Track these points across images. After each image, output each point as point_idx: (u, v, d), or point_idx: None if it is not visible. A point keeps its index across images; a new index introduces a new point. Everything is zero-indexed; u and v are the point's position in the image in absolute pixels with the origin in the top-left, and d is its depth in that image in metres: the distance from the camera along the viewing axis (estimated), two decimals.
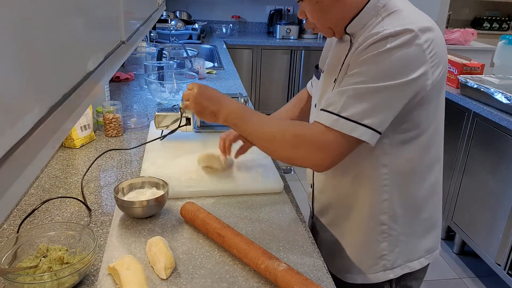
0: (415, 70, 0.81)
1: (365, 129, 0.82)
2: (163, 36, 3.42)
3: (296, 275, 0.79)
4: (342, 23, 0.91)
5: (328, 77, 0.99)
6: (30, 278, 0.76)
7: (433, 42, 0.83)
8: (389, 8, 0.87)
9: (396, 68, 0.81)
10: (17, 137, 0.34)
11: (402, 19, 0.84)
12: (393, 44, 0.80)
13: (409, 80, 0.81)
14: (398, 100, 0.83)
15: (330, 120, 0.84)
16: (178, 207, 1.09)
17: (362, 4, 0.88)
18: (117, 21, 0.76)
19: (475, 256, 2.40)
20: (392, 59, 0.80)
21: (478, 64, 2.39)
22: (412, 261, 1.02)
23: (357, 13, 0.89)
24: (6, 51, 0.31)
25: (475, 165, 2.23)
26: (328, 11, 0.90)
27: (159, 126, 1.44)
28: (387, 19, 0.86)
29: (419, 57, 0.81)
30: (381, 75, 0.81)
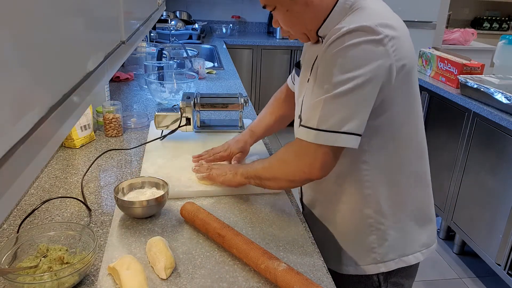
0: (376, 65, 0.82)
1: (346, 136, 0.84)
2: (163, 36, 3.42)
3: (296, 275, 0.79)
4: (314, 27, 0.93)
5: (304, 77, 1.03)
6: (30, 278, 0.76)
7: (394, 38, 0.83)
8: (355, 6, 0.89)
9: (356, 66, 0.82)
10: (17, 137, 0.34)
11: (362, 16, 0.85)
12: (350, 42, 0.81)
13: (372, 76, 0.82)
14: (367, 98, 0.85)
15: (311, 136, 0.87)
16: (178, 207, 1.09)
17: (331, 7, 0.90)
18: (117, 21, 0.76)
19: (475, 256, 2.40)
20: (352, 56, 0.82)
21: (478, 64, 2.39)
22: (407, 255, 1.03)
23: (327, 15, 0.91)
24: (6, 51, 0.31)
25: (475, 165, 2.23)
26: (299, 18, 0.92)
27: (159, 126, 1.44)
28: (348, 17, 0.88)
29: (378, 51, 0.82)
30: (345, 78, 0.82)
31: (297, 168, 0.92)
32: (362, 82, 0.82)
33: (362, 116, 0.85)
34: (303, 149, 0.89)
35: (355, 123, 0.84)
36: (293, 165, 0.92)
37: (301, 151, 0.90)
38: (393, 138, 0.94)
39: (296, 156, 0.92)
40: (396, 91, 0.88)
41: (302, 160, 0.90)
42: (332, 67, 0.84)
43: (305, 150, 0.89)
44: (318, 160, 0.87)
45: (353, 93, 0.82)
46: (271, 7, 0.93)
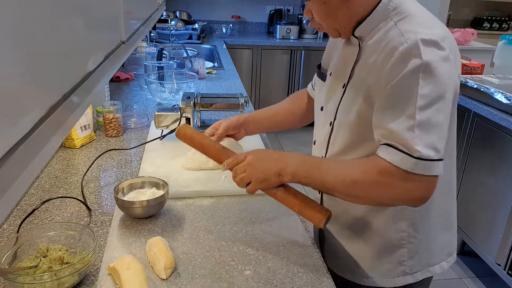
0: (452, 82, 0.81)
1: (438, 162, 0.79)
2: (163, 36, 3.42)
3: None
4: (349, 25, 0.90)
5: (336, 81, 0.98)
6: (30, 278, 0.76)
7: (452, 48, 0.82)
8: (401, 12, 0.85)
9: (438, 84, 0.78)
10: (17, 137, 0.34)
11: (418, 25, 0.82)
12: (427, 58, 0.77)
13: (450, 94, 0.80)
14: (448, 116, 0.81)
15: (409, 164, 0.79)
16: (178, 207, 1.10)
17: (372, 7, 0.86)
18: (117, 21, 0.76)
19: (475, 256, 2.39)
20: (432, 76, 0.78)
21: (478, 64, 2.39)
22: (433, 265, 1.01)
23: (365, 16, 0.87)
24: (6, 51, 0.32)
25: (475, 165, 2.23)
26: (335, 12, 0.88)
27: (159, 126, 1.44)
28: (401, 25, 0.83)
29: (450, 68, 0.80)
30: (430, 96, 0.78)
31: (401, 193, 0.83)
32: (445, 103, 0.79)
33: (445, 138, 0.81)
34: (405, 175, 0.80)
35: (442, 147, 0.80)
36: (395, 190, 0.82)
37: (405, 177, 0.80)
38: None
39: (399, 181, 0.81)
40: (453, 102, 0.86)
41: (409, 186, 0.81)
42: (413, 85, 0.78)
43: (412, 177, 0.80)
44: (428, 188, 0.81)
45: (440, 115, 0.79)
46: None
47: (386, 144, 0.82)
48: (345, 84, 0.93)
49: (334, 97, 0.97)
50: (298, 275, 0.87)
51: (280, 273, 0.87)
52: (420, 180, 0.80)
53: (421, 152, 0.77)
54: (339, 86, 0.95)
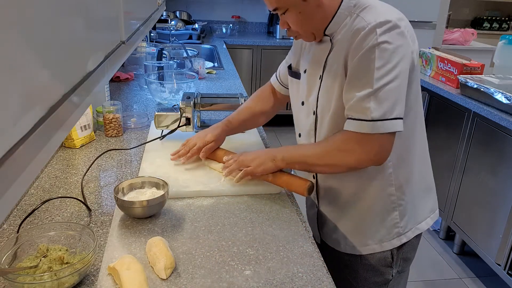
0: (406, 55, 0.93)
1: (395, 121, 0.93)
2: (163, 36, 3.42)
3: None
4: (322, 27, 1.01)
5: (312, 75, 1.08)
6: (30, 278, 0.76)
7: (407, 27, 0.95)
8: (361, 5, 0.97)
9: (393, 59, 0.91)
10: (17, 137, 0.34)
11: (378, 12, 0.94)
12: (383, 37, 0.91)
13: (405, 65, 0.93)
14: (404, 83, 0.95)
15: (367, 127, 0.94)
16: (178, 207, 1.10)
17: (337, 6, 0.98)
18: (117, 21, 0.77)
19: (475, 256, 2.39)
20: (387, 51, 0.91)
21: (478, 64, 2.38)
22: (420, 222, 1.13)
23: (333, 15, 0.99)
24: (6, 52, 0.32)
25: (475, 165, 2.23)
26: (311, 19, 0.99)
27: (159, 126, 1.44)
28: (363, 14, 0.96)
29: (405, 42, 0.93)
30: (385, 66, 0.91)
31: (362, 156, 0.97)
32: (400, 72, 0.92)
33: (403, 100, 0.94)
34: (365, 139, 0.95)
35: (400, 108, 0.94)
36: (357, 154, 0.97)
37: (364, 141, 0.95)
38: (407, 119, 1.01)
39: (360, 146, 0.96)
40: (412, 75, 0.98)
41: (368, 149, 0.96)
42: (370, 61, 0.92)
43: (367, 140, 0.95)
44: (384, 146, 0.96)
45: (394, 82, 0.92)
46: (282, 10, 0.98)
47: (349, 118, 0.96)
48: (321, 75, 1.04)
49: (314, 89, 1.08)
50: (298, 275, 0.87)
51: (280, 273, 0.87)
52: (378, 139, 0.94)
53: (378, 115, 0.92)
54: (316, 78, 1.06)
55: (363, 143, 0.96)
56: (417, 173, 1.10)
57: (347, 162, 1.00)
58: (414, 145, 1.07)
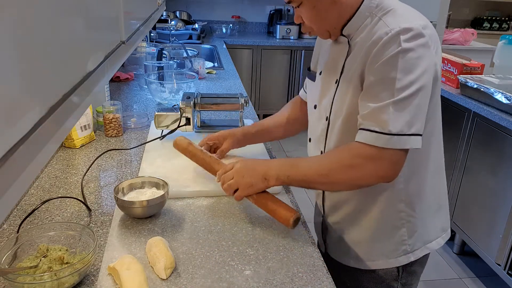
0: (430, 67, 0.87)
1: (413, 137, 0.87)
2: (163, 36, 3.42)
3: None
4: (339, 25, 0.95)
5: (328, 78, 1.02)
6: (30, 278, 0.76)
7: (432, 36, 0.88)
8: (383, 7, 0.91)
9: (416, 67, 0.85)
10: (17, 137, 0.34)
11: (401, 17, 0.88)
12: (406, 44, 0.84)
13: (429, 78, 0.87)
14: (426, 98, 0.88)
15: (382, 140, 0.87)
16: (178, 207, 1.10)
17: (357, 6, 0.92)
18: (117, 21, 0.77)
19: (475, 256, 2.39)
20: (410, 59, 0.84)
21: (478, 64, 2.38)
22: (430, 242, 1.07)
23: (351, 15, 0.93)
24: (6, 51, 0.32)
25: (475, 165, 2.23)
26: (325, 15, 0.93)
27: (159, 126, 1.44)
28: (386, 18, 0.89)
29: (429, 53, 0.86)
30: (407, 77, 0.85)
31: (371, 173, 0.90)
32: (422, 86, 0.85)
33: (423, 116, 0.88)
34: (376, 153, 0.88)
35: (419, 124, 0.87)
36: (366, 170, 0.90)
37: (375, 156, 0.88)
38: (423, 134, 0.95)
39: (369, 161, 0.89)
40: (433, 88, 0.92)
41: (378, 165, 0.89)
42: (391, 70, 0.85)
43: (378, 155, 0.88)
44: (395, 164, 0.89)
45: (416, 96, 0.85)
46: (296, 3, 0.94)
47: (362, 128, 0.89)
48: (338, 79, 0.99)
49: (328, 93, 1.02)
50: (298, 275, 0.87)
51: (280, 273, 0.87)
52: (391, 155, 0.87)
53: (395, 129, 0.85)
54: (332, 82, 1.00)
55: (373, 158, 0.88)
56: (429, 190, 1.03)
57: (352, 180, 0.92)
58: (428, 160, 1.01)
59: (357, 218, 1.06)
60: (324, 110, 1.04)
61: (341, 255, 1.13)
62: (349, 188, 1.00)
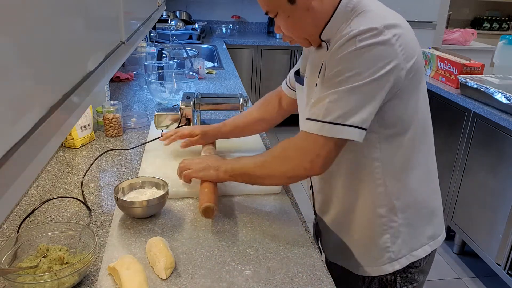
0: (386, 64, 0.84)
1: (350, 128, 0.85)
2: (163, 36, 3.42)
3: None
4: (316, 32, 0.95)
5: (311, 82, 1.03)
6: (30, 278, 0.76)
7: (401, 37, 0.86)
8: (357, 10, 0.90)
9: (366, 65, 0.84)
10: (18, 137, 0.34)
11: (368, 18, 0.87)
12: (362, 44, 0.84)
13: (382, 74, 0.84)
14: (375, 95, 0.86)
15: (315, 127, 0.88)
16: (178, 207, 1.10)
17: (332, 11, 0.92)
18: (117, 21, 0.77)
19: (475, 256, 2.39)
20: (363, 57, 0.84)
21: (478, 64, 2.39)
22: (416, 249, 1.04)
23: (328, 20, 0.92)
24: (6, 51, 0.32)
25: (475, 165, 2.23)
26: (300, 23, 0.93)
27: (159, 126, 1.44)
28: (354, 20, 0.89)
29: (388, 51, 0.84)
30: (354, 74, 0.84)
31: (297, 165, 0.92)
32: (371, 80, 0.84)
33: (368, 111, 0.86)
34: (306, 144, 0.90)
35: (360, 116, 0.85)
36: (293, 162, 0.92)
37: (303, 147, 0.90)
38: (404, 134, 0.95)
39: (297, 152, 0.92)
40: (405, 89, 0.90)
41: (304, 157, 0.90)
42: (341, 67, 0.86)
43: (307, 146, 0.89)
44: (321, 156, 0.89)
45: (360, 89, 0.84)
46: (273, 13, 0.94)
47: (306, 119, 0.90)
48: (316, 83, 0.99)
49: (311, 97, 1.03)
50: (298, 275, 0.87)
51: (280, 273, 0.87)
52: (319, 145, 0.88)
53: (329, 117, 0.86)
54: (313, 85, 1.01)
55: (302, 150, 0.90)
56: (416, 196, 1.01)
57: (283, 172, 0.94)
58: (412, 165, 0.98)
59: (344, 221, 1.06)
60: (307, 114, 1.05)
61: (333, 256, 1.13)
62: (282, 180, 1.00)
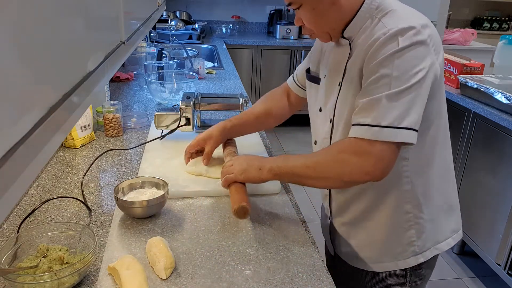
0: (427, 63, 0.86)
1: (406, 131, 0.85)
2: (163, 36, 3.42)
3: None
4: (339, 27, 0.95)
5: (332, 81, 1.02)
6: (30, 278, 0.76)
7: (432, 36, 0.88)
8: (383, 9, 0.91)
9: (410, 66, 0.85)
10: (18, 137, 0.34)
11: (400, 17, 0.88)
12: (403, 44, 0.84)
13: (425, 74, 0.86)
14: (422, 95, 0.87)
15: (371, 132, 0.86)
16: (178, 207, 1.09)
17: (357, 7, 0.92)
18: (117, 21, 0.77)
19: (475, 256, 2.39)
20: (405, 58, 0.85)
21: (478, 64, 2.39)
22: (440, 242, 1.06)
23: (352, 16, 0.93)
24: (6, 51, 0.32)
25: (475, 165, 2.23)
26: (325, 16, 0.93)
27: (159, 126, 1.44)
28: (385, 19, 0.90)
29: (426, 51, 0.86)
30: (400, 76, 0.85)
31: (357, 168, 0.88)
32: (418, 80, 0.85)
33: (417, 112, 0.86)
34: (364, 148, 0.87)
35: (413, 118, 0.86)
36: (352, 165, 0.89)
37: (362, 150, 0.87)
38: (428, 132, 0.96)
39: (356, 156, 0.88)
40: (434, 86, 0.91)
41: (364, 160, 0.87)
42: (387, 68, 0.85)
43: (366, 149, 0.87)
44: (383, 159, 0.86)
45: (410, 90, 0.85)
46: (296, 5, 0.93)
47: (354, 124, 0.89)
48: (340, 81, 0.99)
49: (332, 96, 1.02)
50: (298, 275, 0.87)
51: (280, 273, 0.87)
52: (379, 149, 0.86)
53: (385, 121, 0.84)
54: (335, 84, 1.00)
55: (359, 153, 0.87)
56: (437, 191, 1.03)
57: (338, 175, 0.91)
58: (434, 162, 1.00)
59: (365, 220, 1.05)
60: (328, 112, 1.04)
61: (350, 258, 1.12)
62: (337, 184, 0.98)
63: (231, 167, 1.06)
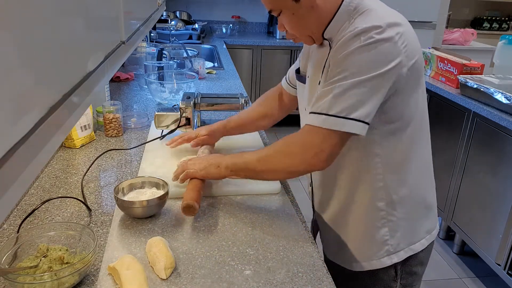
0: (390, 61, 0.87)
1: (354, 122, 0.87)
2: (163, 36, 3.42)
3: None
4: (319, 30, 0.97)
5: (314, 80, 1.05)
6: (30, 278, 0.76)
7: (403, 35, 0.88)
8: (360, 9, 0.93)
9: (371, 61, 0.86)
10: (18, 137, 0.34)
11: (371, 17, 0.90)
12: (366, 41, 0.86)
13: (385, 70, 0.86)
14: (378, 90, 0.88)
15: (319, 120, 0.89)
16: (178, 207, 1.09)
17: (335, 10, 0.94)
18: (117, 21, 0.77)
19: (475, 256, 2.40)
20: (367, 53, 0.86)
21: (478, 64, 2.38)
22: (414, 243, 1.06)
23: (331, 19, 0.95)
24: (6, 51, 0.32)
25: (475, 165, 2.23)
26: (304, 20, 0.95)
27: (159, 126, 1.44)
28: (357, 19, 0.91)
29: (391, 48, 0.87)
30: (359, 69, 0.86)
31: (301, 160, 0.93)
32: (374, 75, 0.86)
33: (371, 106, 0.88)
34: (310, 138, 0.91)
35: (363, 111, 0.87)
36: (297, 156, 0.93)
37: (307, 141, 0.91)
38: (404, 130, 0.97)
39: (301, 147, 0.92)
40: (407, 86, 0.92)
41: (308, 151, 0.91)
42: (346, 63, 0.87)
43: (311, 140, 0.90)
44: (325, 150, 0.90)
45: (364, 84, 0.86)
46: (277, 12, 0.96)
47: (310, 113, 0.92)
48: (320, 81, 1.01)
49: (314, 95, 1.04)
50: (298, 275, 0.87)
51: (280, 273, 0.87)
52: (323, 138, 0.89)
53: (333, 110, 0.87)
54: (316, 83, 1.03)
55: (306, 144, 0.91)
56: (413, 190, 1.03)
57: (286, 166, 0.96)
58: (411, 159, 1.00)
59: (343, 217, 1.07)
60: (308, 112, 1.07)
61: (330, 253, 1.14)
62: (284, 175, 1.00)
63: (190, 163, 1.11)
